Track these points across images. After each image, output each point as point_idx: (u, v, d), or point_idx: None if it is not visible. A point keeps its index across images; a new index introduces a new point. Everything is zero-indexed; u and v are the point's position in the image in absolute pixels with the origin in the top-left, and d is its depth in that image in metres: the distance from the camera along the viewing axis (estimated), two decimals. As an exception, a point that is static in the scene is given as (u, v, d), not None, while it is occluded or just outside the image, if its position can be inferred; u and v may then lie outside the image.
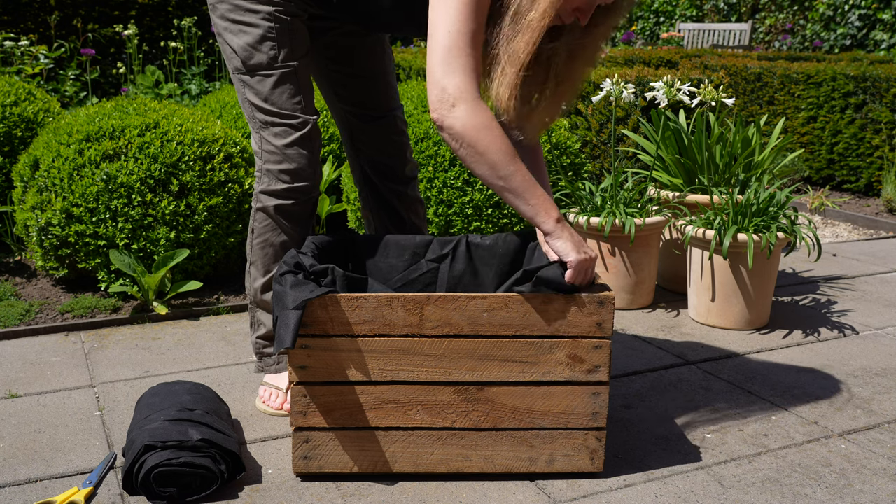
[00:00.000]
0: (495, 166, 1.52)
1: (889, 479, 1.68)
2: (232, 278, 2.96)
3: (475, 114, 1.51)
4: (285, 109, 1.83)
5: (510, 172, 1.53)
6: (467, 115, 1.51)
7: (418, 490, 1.61)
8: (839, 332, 2.56)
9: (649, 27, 11.52)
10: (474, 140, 1.52)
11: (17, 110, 3.31)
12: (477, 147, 1.52)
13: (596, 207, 2.73)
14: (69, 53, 6.90)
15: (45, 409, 1.97)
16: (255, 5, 1.80)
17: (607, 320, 1.57)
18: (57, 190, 2.67)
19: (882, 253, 3.56)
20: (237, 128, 3.60)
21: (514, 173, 1.53)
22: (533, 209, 1.55)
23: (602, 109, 3.77)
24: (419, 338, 1.56)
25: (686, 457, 1.76)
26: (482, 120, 1.52)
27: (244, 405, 1.98)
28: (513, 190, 1.54)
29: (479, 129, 1.51)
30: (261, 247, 1.91)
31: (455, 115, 1.52)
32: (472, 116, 1.51)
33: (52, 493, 1.60)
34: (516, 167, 1.53)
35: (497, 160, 1.52)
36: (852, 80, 4.65)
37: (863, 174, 4.67)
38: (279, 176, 1.85)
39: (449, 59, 1.52)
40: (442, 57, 1.53)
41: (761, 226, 2.50)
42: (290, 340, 1.49)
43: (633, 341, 2.46)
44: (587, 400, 1.61)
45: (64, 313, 2.59)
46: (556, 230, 1.56)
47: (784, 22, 9.90)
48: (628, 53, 6.58)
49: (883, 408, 2.02)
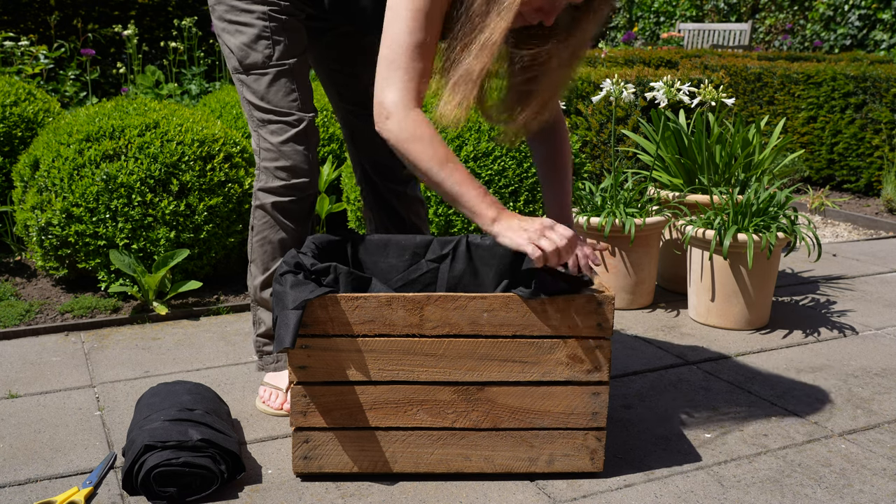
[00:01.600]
0: (427, 172, 1.57)
1: (889, 479, 1.68)
2: (232, 278, 2.96)
3: (403, 127, 1.56)
4: (281, 107, 1.84)
5: (442, 178, 1.56)
6: (397, 128, 1.57)
7: (418, 490, 1.61)
8: (839, 332, 2.56)
9: (649, 27, 11.52)
10: (404, 151, 1.58)
11: (17, 110, 3.31)
12: (408, 157, 1.58)
13: (596, 207, 2.73)
14: (69, 53, 6.90)
15: (45, 409, 1.97)
16: (251, 5, 1.82)
17: (607, 320, 1.57)
18: (57, 190, 2.67)
19: (882, 253, 3.56)
20: (237, 128, 3.60)
21: (445, 179, 1.56)
22: (469, 212, 1.58)
23: (602, 109, 3.77)
24: (419, 338, 1.56)
25: (686, 457, 1.76)
26: (411, 133, 1.56)
27: (244, 405, 1.98)
28: (447, 194, 1.58)
29: (406, 142, 1.56)
30: (260, 244, 1.92)
31: (388, 127, 1.58)
32: (400, 130, 1.56)
33: (52, 493, 1.60)
34: (448, 172, 1.56)
35: (426, 168, 1.57)
36: (852, 80, 4.65)
37: (863, 174, 4.67)
38: (276, 173, 1.86)
39: (388, 73, 1.58)
40: (382, 69, 1.59)
41: (761, 226, 2.50)
42: (289, 340, 1.49)
43: (633, 341, 2.46)
44: (587, 400, 1.61)
45: (64, 313, 2.59)
46: (494, 229, 1.56)
47: (784, 22, 9.90)
48: (628, 53, 6.58)
49: (883, 408, 2.02)
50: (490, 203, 1.56)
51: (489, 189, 2.93)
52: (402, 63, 1.57)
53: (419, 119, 1.57)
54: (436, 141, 1.56)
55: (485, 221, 1.56)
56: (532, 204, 2.98)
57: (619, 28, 11.97)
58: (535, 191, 2.98)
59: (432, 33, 1.58)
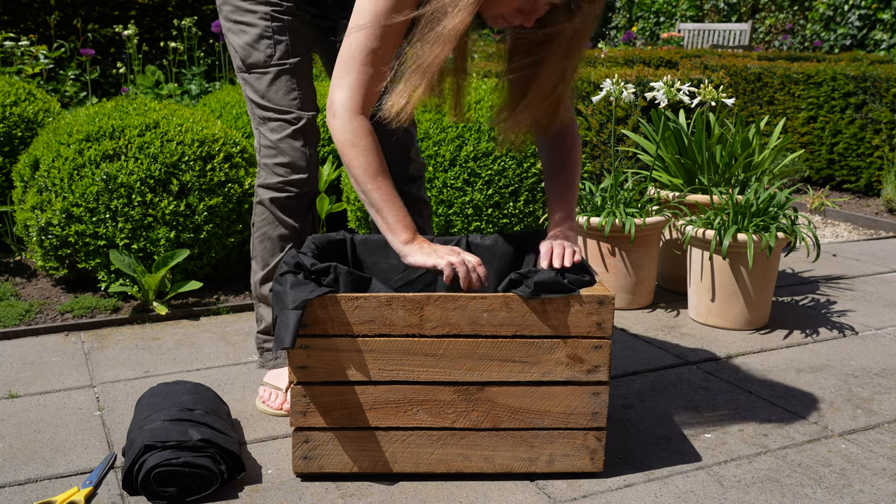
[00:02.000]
0: (357, 180, 1.62)
1: (889, 479, 1.68)
2: (232, 278, 2.96)
3: (346, 130, 1.61)
4: (281, 105, 1.89)
5: (368, 189, 1.61)
6: (340, 130, 1.61)
7: (418, 490, 1.61)
8: (839, 332, 2.56)
9: (649, 27, 11.52)
10: (342, 152, 1.63)
11: (17, 110, 3.31)
12: (344, 158, 1.63)
13: (596, 207, 2.73)
14: (69, 53, 6.90)
15: (45, 409, 1.97)
16: (254, 6, 1.87)
17: (607, 320, 1.57)
18: (57, 190, 2.67)
19: (882, 253, 3.56)
20: (237, 128, 3.60)
21: (371, 191, 1.61)
22: (387, 227, 1.62)
23: (602, 109, 3.77)
24: (419, 338, 1.57)
25: (686, 457, 1.76)
26: (350, 138, 1.61)
27: (244, 405, 1.99)
28: (370, 206, 1.63)
29: (344, 145, 1.61)
30: (259, 240, 1.96)
31: (333, 125, 1.63)
32: (342, 132, 1.61)
33: (52, 493, 1.60)
34: (375, 185, 1.61)
35: (357, 175, 1.61)
36: (852, 80, 4.65)
37: (863, 174, 4.67)
38: (274, 169, 1.91)
39: (341, 74, 1.62)
40: (338, 69, 1.63)
41: (761, 226, 2.50)
42: (289, 340, 1.49)
43: (633, 341, 2.46)
44: (587, 400, 1.61)
45: (64, 313, 2.59)
46: (406, 249, 1.60)
47: (784, 22, 9.90)
48: (628, 53, 6.58)
49: (883, 408, 2.02)
50: (408, 226, 1.61)
51: (489, 189, 2.93)
52: (356, 66, 1.61)
53: (361, 126, 1.61)
54: (371, 152, 1.61)
55: (398, 239, 1.61)
56: (532, 204, 2.98)
57: (619, 28, 11.97)
58: (535, 191, 2.98)
59: (391, 43, 1.62)
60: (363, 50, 1.60)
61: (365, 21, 1.59)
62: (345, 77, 1.61)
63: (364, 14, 1.59)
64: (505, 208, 2.96)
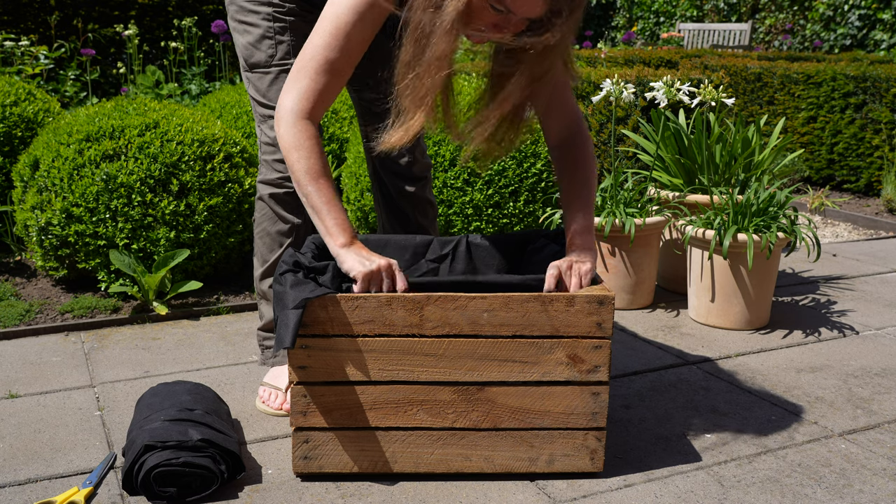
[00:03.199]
0: (298, 182, 1.63)
1: (889, 479, 1.68)
2: (232, 278, 2.96)
3: (290, 133, 1.62)
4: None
5: (309, 192, 1.61)
6: (284, 133, 1.63)
7: (418, 490, 1.61)
8: (839, 332, 2.56)
9: (649, 27, 11.52)
10: (285, 156, 1.63)
11: (17, 110, 3.31)
12: (287, 161, 1.63)
13: (596, 207, 2.73)
14: (69, 53, 6.91)
15: (45, 409, 1.97)
16: (257, 6, 1.90)
17: (607, 320, 1.57)
18: (57, 190, 2.67)
19: (882, 253, 3.56)
20: (237, 128, 3.61)
21: (312, 193, 1.61)
22: (325, 229, 1.61)
23: (602, 109, 3.77)
24: (419, 338, 1.57)
25: (686, 457, 1.76)
26: (293, 141, 1.61)
27: (244, 405, 1.99)
28: (311, 207, 1.63)
29: (287, 148, 1.62)
30: (259, 236, 1.99)
31: (279, 129, 1.64)
32: (286, 135, 1.62)
33: (52, 493, 1.60)
34: (316, 187, 1.61)
35: (299, 178, 1.62)
36: (852, 80, 4.65)
37: (863, 174, 4.67)
38: (273, 165, 1.94)
39: (295, 78, 1.63)
40: (293, 72, 1.64)
41: (761, 226, 2.50)
42: (289, 340, 1.49)
43: (633, 341, 2.46)
44: (587, 400, 1.61)
45: (64, 313, 2.59)
46: (340, 252, 1.59)
47: (784, 22, 9.90)
48: (628, 53, 6.58)
49: (883, 408, 2.02)
50: (346, 229, 1.61)
51: (489, 189, 2.94)
52: (309, 73, 1.62)
53: (305, 129, 1.62)
54: (314, 154, 1.61)
55: (335, 242, 1.60)
56: (532, 204, 2.98)
57: (619, 28, 11.97)
58: (535, 191, 2.98)
59: (349, 55, 1.62)
60: (320, 59, 1.61)
61: (326, 30, 1.60)
62: (297, 83, 1.62)
63: (327, 21, 1.60)
64: (505, 208, 2.96)
